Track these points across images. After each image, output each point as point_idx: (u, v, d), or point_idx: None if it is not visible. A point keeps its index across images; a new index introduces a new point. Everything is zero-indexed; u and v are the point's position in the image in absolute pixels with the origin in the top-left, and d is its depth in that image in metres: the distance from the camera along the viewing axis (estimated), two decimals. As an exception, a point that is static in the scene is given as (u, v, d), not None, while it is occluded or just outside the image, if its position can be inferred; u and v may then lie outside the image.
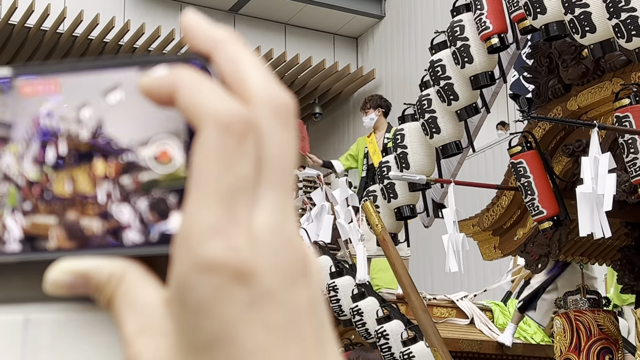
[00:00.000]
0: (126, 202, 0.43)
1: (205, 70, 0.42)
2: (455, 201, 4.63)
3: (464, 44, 4.35)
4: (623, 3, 3.63)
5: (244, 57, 0.43)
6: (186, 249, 0.40)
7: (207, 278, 0.40)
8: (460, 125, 4.65)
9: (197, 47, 0.43)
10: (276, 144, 0.42)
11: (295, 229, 0.42)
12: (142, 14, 12.70)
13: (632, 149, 3.80)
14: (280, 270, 0.41)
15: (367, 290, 5.90)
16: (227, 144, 0.41)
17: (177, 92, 0.41)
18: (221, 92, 0.42)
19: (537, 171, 4.32)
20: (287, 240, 0.41)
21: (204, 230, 0.40)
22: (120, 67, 0.43)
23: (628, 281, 4.91)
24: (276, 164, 0.42)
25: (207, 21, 0.44)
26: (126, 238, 0.42)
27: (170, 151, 0.42)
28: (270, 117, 0.42)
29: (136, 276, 0.42)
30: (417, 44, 12.81)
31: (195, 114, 0.41)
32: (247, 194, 0.41)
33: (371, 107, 8.63)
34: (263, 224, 0.41)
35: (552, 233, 4.67)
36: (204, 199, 0.40)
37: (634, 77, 4.13)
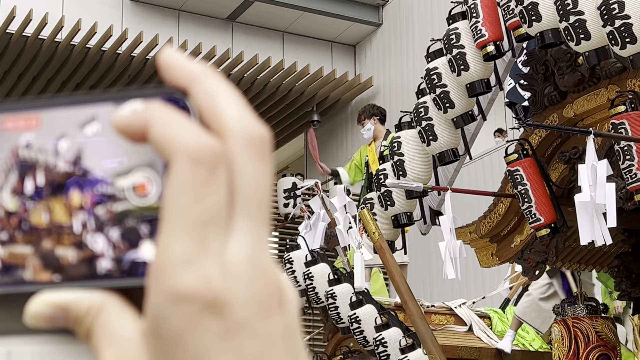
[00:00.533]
0: (100, 231, 0.44)
1: (183, 104, 0.43)
2: (452, 208, 4.64)
3: (460, 51, 4.36)
4: (617, 10, 3.64)
5: (220, 91, 0.44)
6: (159, 280, 0.41)
7: (179, 309, 0.41)
8: (456, 132, 4.66)
9: (174, 81, 0.44)
10: (250, 176, 0.43)
11: (269, 259, 0.43)
12: (139, 23, 12.72)
13: (628, 155, 3.81)
14: (253, 301, 0.42)
15: (366, 298, 5.90)
16: (198, 176, 0.42)
17: (149, 128, 0.43)
18: (192, 125, 0.43)
19: (533, 178, 4.33)
20: (260, 270, 0.42)
21: (176, 262, 0.41)
22: (98, 102, 0.44)
23: (625, 288, 4.92)
24: (250, 195, 0.43)
25: (184, 56, 0.45)
26: (100, 267, 0.43)
27: (148, 184, 0.43)
28: (244, 150, 0.43)
29: (114, 308, 0.43)
30: (414, 51, 12.83)
31: (167, 148, 0.42)
32: (220, 225, 0.42)
33: (366, 118, 8.66)
34: (236, 255, 0.42)
35: (549, 240, 4.67)
36: (176, 230, 0.41)
37: (629, 84, 4.14)
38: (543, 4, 3.90)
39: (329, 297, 5.96)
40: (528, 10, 3.93)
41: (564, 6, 3.79)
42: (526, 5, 3.93)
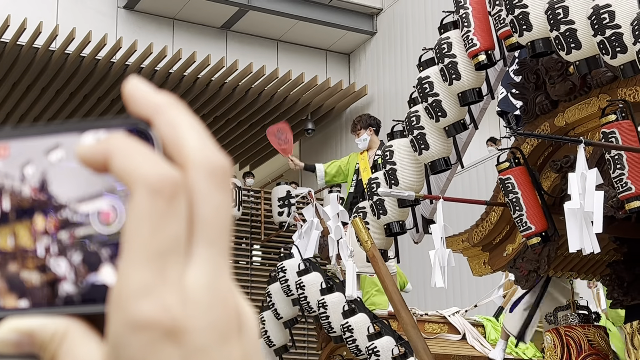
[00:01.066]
0: (63, 256, 0.45)
1: (147, 135, 0.45)
2: (446, 217, 4.64)
3: (452, 60, 4.37)
4: (608, 20, 3.66)
5: (183, 122, 0.45)
6: (119, 308, 0.42)
7: (139, 336, 0.42)
8: (448, 141, 4.67)
9: (139, 112, 0.45)
10: (210, 205, 0.44)
11: (229, 286, 0.44)
12: (134, 31, 12.73)
13: (619, 164, 3.82)
14: (212, 327, 0.43)
15: (358, 307, 5.90)
16: (157, 205, 0.43)
17: (110, 159, 0.44)
18: (153, 156, 0.44)
19: (525, 187, 4.33)
20: (219, 297, 0.43)
21: (135, 290, 0.42)
22: (64, 132, 0.46)
23: (617, 296, 4.92)
24: (210, 224, 0.44)
25: (149, 87, 0.46)
26: (63, 292, 0.45)
27: (112, 213, 0.45)
28: (205, 179, 0.44)
29: (78, 334, 0.44)
30: (409, 60, 12.85)
31: (127, 179, 0.43)
32: (179, 254, 0.43)
33: (362, 128, 8.68)
34: (195, 283, 0.43)
35: (540, 249, 4.68)
36: (135, 260, 0.42)
37: (620, 93, 4.15)
38: (534, 14, 3.92)
39: (321, 306, 5.96)
40: (519, 20, 3.95)
41: (554, 15, 3.81)
42: (517, 14, 3.95)
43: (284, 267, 6.48)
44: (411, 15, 13.49)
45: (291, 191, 11.99)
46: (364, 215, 5.10)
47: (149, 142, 0.45)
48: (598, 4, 3.69)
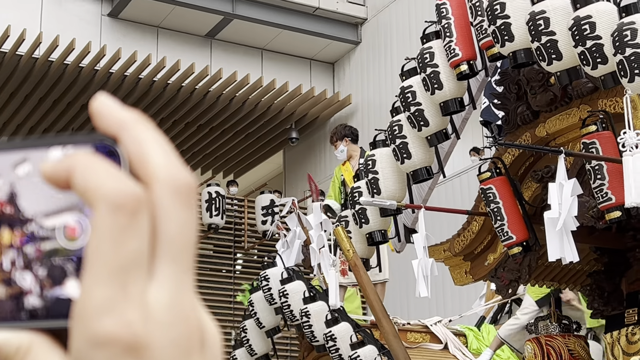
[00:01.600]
0: (28, 269, 0.45)
1: (113, 151, 0.45)
2: (428, 226, 4.65)
3: (434, 70, 4.39)
4: (588, 31, 3.68)
5: (148, 139, 0.45)
6: (81, 324, 0.42)
7: (100, 352, 0.42)
8: (430, 151, 4.68)
9: (105, 128, 0.45)
10: (174, 222, 0.44)
11: (192, 303, 0.44)
12: (118, 39, 12.71)
13: (599, 175, 3.84)
14: (174, 344, 0.43)
15: (341, 316, 5.90)
16: (119, 222, 0.43)
17: (72, 176, 0.44)
18: (115, 172, 0.44)
19: (506, 197, 4.35)
20: (182, 314, 0.43)
21: (97, 307, 0.42)
22: (32, 147, 0.46)
23: (597, 306, 4.94)
24: (173, 241, 0.44)
25: (116, 104, 0.46)
26: (28, 305, 0.45)
27: (78, 228, 0.45)
28: (169, 197, 0.44)
29: (42, 348, 0.44)
30: (393, 69, 12.88)
31: (89, 195, 0.44)
32: (141, 270, 0.43)
33: (338, 140, 8.71)
34: (157, 299, 0.43)
35: (521, 258, 4.69)
36: (97, 276, 0.43)
37: (600, 104, 4.18)
38: (515, 24, 3.94)
39: (303, 315, 5.95)
40: (501, 30, 3.97)
41: (536, 26, 3.83)
42: (499, 25, 3.97)
43: (267, 276, 6.47)
44: (395, 25, 13.54)
45: (275, 200, 11.98)
46: (347, 224, 5.11)
47: (116, 158, 0.45)
48: (579, 15, 3.71)
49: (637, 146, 3.56)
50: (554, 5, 3.83)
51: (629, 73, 3.55)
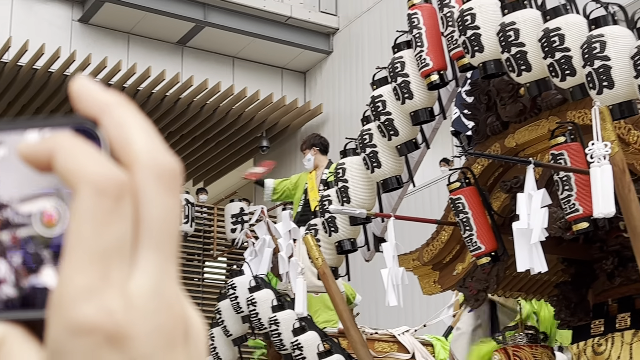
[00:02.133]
0: (3, 257, 0.43)
1: (94, 134, 0.43)
2: (397, 236, 4.65)
3: (405, 80, 4.40)
4: (558, 43, 3.71)
5: (131, 122, 0.44)
6: (60, 312, 0.41)
7: (80, 341, 0.40)
8: (400, 160, 4.69)
9: (86, 111, 0.44)
10: (158, 208, 0.42)
11: (176, 292, 0.43)
12: (88, 45, 12.64)
13: (567, 186, 3.86)
14: (156, 334, 0.41)
15: (308, 324, 5.88)
16: (102, 206, 0.41)
17: (54, 157, 0.42)
18: (98, 156, 0.42)
19: (475, 207, 4.36)
20: (165, 302, 0.42)
21: (77, 293, 0.40)
22: (7, 129, 0.44)
23: (564, 317, 4.96)
24: (157, 227, 0.42)
25: (97, 86, 0.44)
26: (1, 294, 0.43)
27: (55, 214, 0.43)
28: (153, 181, 0.43)
29: (16, 340, 0.42)
30: (364, 79, 12.92)
31: (71, 178, 0.42)
32: (123, 256, 0.42)
33: (306, 148, 8.75)
34: (140, 286, 0.41)
35: (490, 268, 4.71)
36: (77, 261, 0.41)
37: (569, 116, 4.21)
38: (486, 35, 3.96)
39: (272, 323, 5.93)
40: (471, 41, 3.99)
41: (506, 37, 3.85)
42: (469, 36, 3.99)
43: (234, 284, 6.45)
44: (367, 35, 13.58)
45: (244, 208, 11.95)
46: (316, 232, 5.10)
47: (96, 142, 0.43)
48: (548, 27, 3.74)
49: (605, 158, 3.58)
50: (524, 16, 3.85)
51: (597, 85, 3.57)
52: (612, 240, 4.76)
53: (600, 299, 4.86)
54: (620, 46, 3.56)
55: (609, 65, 3.54)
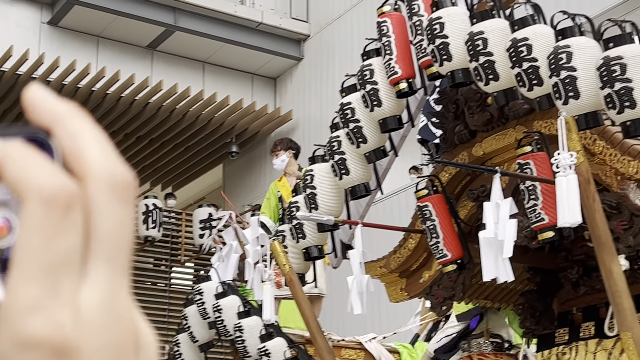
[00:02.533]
0: None
1: (47, 145, 0.42)
2: (365, 243, 4.65)
3: (373, 87, 4.41)
4: (525, 53, 3.74)
5: (84, 132, 0.43)
6: (7, 325, 0.40)
7: (28, 355, 0.39)
8: (369, 167, 4.70)
9: (39, 120, 0.43)
10: (110, 219, 0.42)
11: (127, 305, 0.42)
12: (57, 47, 12.54)
13: (533, 195, 3.89)
14: (106, 348, 0.40)
15: (275, 331, 5.87)
16: (50, 217, 0.40)
17: (2, 167, 0.41)
18: (48, 166, 0.42)
19: (442, 215, 4.38)
20: (115, 316, 0.41)
21: (25, 306, 0.40)
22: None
23: (529, 325, 4.99)
24: (109, 239, 0.42)
25: (51, 95, 0.44)
26: None
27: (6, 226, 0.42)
28: (105, 193, 0.42)
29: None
30: (334, 86, 12.92)
31: (20, 188, 0.41)
32: (73, 268, 0.41)
33: (282, 149, 8.65)
34: (90, 300, 0.41)
35: (456, 276, 4.73)
36: (26, 273, 0.40)
37: (536, 125, 4.24)
38: (454, 44, 3.98)
39: (237, 330, 5.91)
40: (439, 50, 4.01)
41: (474, 47, 3.88)
42: (438, 44, 4.01)
43: (201, 290, 6.42)
44: (337, 42, 13.61)
45: (213, 214, 11.90)
46: (283, 238, 5.09)
47: (49, 152, 0.42)
48: (516, 37, 3.77)
49: (571, 167, 3.61)
50: (492, 26, 3.88)
51: (563, 95, 3.60)
52: (577, 250, 4.80)
53: (565, 308, 4.90)
54: (587, 57, 3.59)
55: (575, 75, 3.58)
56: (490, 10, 3.93)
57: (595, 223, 3.63)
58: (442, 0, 4.06)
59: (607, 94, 3.49)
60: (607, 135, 3.93)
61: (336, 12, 13.78)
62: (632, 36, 3.56)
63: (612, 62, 3.49)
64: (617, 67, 3.47)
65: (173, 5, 13.02)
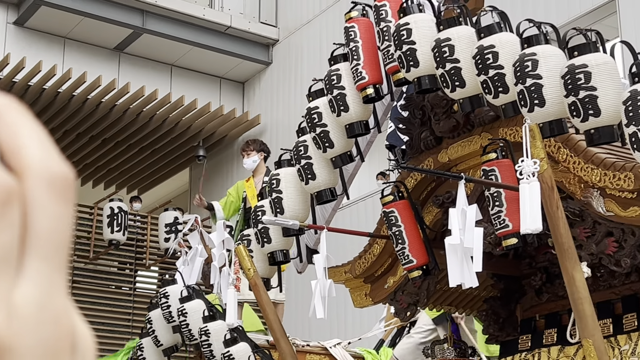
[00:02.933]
0: None
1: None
2: (331, 248, 4.65)
3: (340, 92, 4.41)
4: (491, 60, 3.76)
5: (23, 127, 0.42)
6: None
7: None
8: (335, 172, 4.70)
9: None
10: (48, 217, 0.41)
11: (63, 304, 0.41)
12: (23, 48, 12.42)
13: (497, 202, 3.91)
14: (41, 347, 0.40)
15: (240, 336, 5.85)
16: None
17: None
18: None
19: (408, 221, 4.39)
20: (51, 315, 0.40)
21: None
22: None
23: (493, 332, 5.02)
24: (46, 237, 0.41)
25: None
26: None
27: None
28: (44, 190, 0.41)
29: None
30: (302, 91, 12.93)
31: None
32: (8, 266, 0.40)
33: (254, 150, 8.66)
34: (25, 298, 0.40)
35: (421, 282, 4.74)
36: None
37: (501, 133, 4.26)
38: (421, 51, 3.99)
39: (203, 334, 5.88)
40: (406, 56, 4.02)
41: (440, 53, 3.89)
42: (405, 50, 4.02)
43: (167, 293, 6.38)
44: (306, 47, 13.61)
45: (179, 217, 11.84)
46: (249, 242, 5.07)
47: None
48: (482, 45, 3.79)
49: (534, 175, 3.63)
50: (459, 33, 3.90)
51: (528, 103, 3.63)
52: (541, 257, 4.83)
53: (528, 315, 4.93)
54: (552, 65, 3.62)
55: (540, 83, 3.60)
56: (457, 17, 3.95)
57: (558, 230, 3.66)
58: (409, 7, 4.07)
59: (572, 102, 3.52)
60: (571, 143, 3.96)
61: (305, 18, 13.79)
62: (597, 45, 3.59)
63: (576, 70, 3.52)
64: (581, 75, 3.50)
65: (141, 7, 12.95)
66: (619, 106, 3.46)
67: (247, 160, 8.65)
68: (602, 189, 3.82)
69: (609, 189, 3.78)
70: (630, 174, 3.69)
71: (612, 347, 4.28)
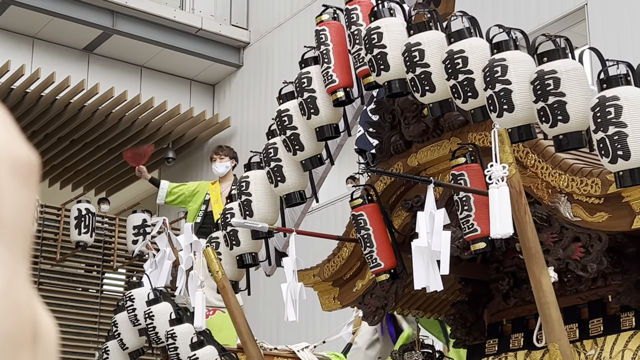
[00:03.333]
0: None
1: None
2: (300, 251, 4.64)
3: (311, 95, 4.41)
4: (461, 65, 3.77)
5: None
6: None
7: None
8: (305, 175, 4.69)
9: None
10: (10, 204, 0.40)
11: (25, 292, 0.40)
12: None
13: (466, 206, 3.92)
14: (2, 335, 0.39)
15: (207, 339, 5.81)
16: None
17: None
18: None
19: (376, 224, 4.39)
20: (12, 303, 0.39)
21: None
22: None
23: (460, 335, 5.04)
24: (8, 224, 0.40)
25: None
26: None
27: None
28: (7, 175, 0.40)
29: None
30: (273, 94, 12.89)
31: None
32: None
33: (227, 156, 8.65)
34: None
35: (389, 286, 4.74)
36: None
37: (470, 137, 4.28)
38: (391, 54, 4.00)
39: (169, 337, 5.84)
40: (377, 60, 4.02)
41: (411, 58, 3.90)
42: (375, 54, 4.02)
43: (132, 296, 6.33)
44: (277, 50, 13.60)
45: (147, 219, 11.77)
46: (217, 245, 5.05)
47: None
48: (452, 49, 3.80)
49: (503, 179, 3.65)
50: (429, 38, 3.91)
51: (498, 108, 3.64)
52: (508, 262, 4.86)
53: (495, 319, 4.95)
54: (521, 71, 3.64)
55: (509, 89, 3.62)
56: (428, 21, 3.96)
57: (526, 235, 3.68)
58: (380, 11, 4.08)
59: (541, 108, 3.54)
60: (539, 149, 3.98)
61: (276, 21, 13.78)
62: (566, 51, 3.62)
63: (546, 76, 3.54)
64: (550, 81, 3.52)
65: (111, 8, 12.87)
66: (587, 112, 3.49)
67: (220, 164, 8.63)
68: (569, 195, 3.85)
69: (576, 194, 3.81)
70: (598, 179, 3.72)
71: (578, 351, 4.31)
